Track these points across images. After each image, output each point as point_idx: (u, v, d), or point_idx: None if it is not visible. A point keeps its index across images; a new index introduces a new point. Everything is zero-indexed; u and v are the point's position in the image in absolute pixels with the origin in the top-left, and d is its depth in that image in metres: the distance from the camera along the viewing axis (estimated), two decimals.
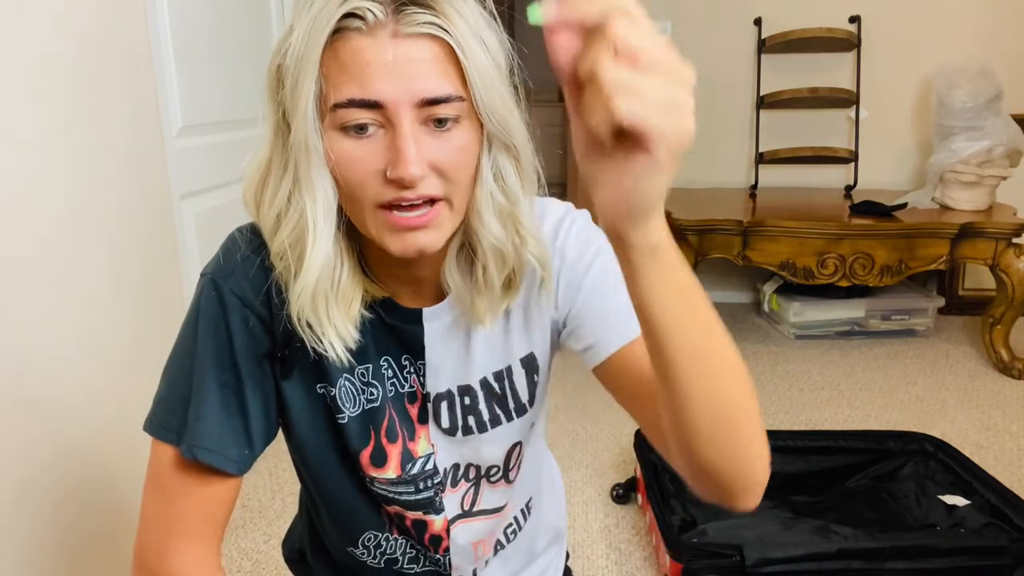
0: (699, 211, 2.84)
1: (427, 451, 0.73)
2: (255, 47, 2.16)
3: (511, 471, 0.77)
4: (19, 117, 1.16)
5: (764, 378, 2.72)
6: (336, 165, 0.56)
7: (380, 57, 0.53)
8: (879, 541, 1.49)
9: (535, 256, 0.65)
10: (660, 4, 3.41)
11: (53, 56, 1.23)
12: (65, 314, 1.26)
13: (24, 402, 1.17)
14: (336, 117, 0.55)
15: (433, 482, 0.74)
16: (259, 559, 1.73)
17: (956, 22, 3.23)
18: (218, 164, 1.93)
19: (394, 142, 0.55)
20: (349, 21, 0.53)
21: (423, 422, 0.73)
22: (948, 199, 2.92)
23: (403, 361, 0.71)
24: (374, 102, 0.54)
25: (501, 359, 0.72)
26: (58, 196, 1.24)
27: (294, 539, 0.94)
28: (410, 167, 0.54)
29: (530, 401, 0.74)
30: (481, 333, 0.70)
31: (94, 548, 1.30)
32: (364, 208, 0.58)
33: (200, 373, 0.66)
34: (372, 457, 0.71)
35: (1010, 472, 2.03)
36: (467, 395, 0.72)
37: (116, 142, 1.39)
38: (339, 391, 0.69)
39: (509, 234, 0.63)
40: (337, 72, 0.54)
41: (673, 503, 1.74)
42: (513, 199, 0.62)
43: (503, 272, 0.65)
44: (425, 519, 0.75)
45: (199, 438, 0.65)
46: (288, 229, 0.59)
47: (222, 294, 0.65)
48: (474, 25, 0.56)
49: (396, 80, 0.53)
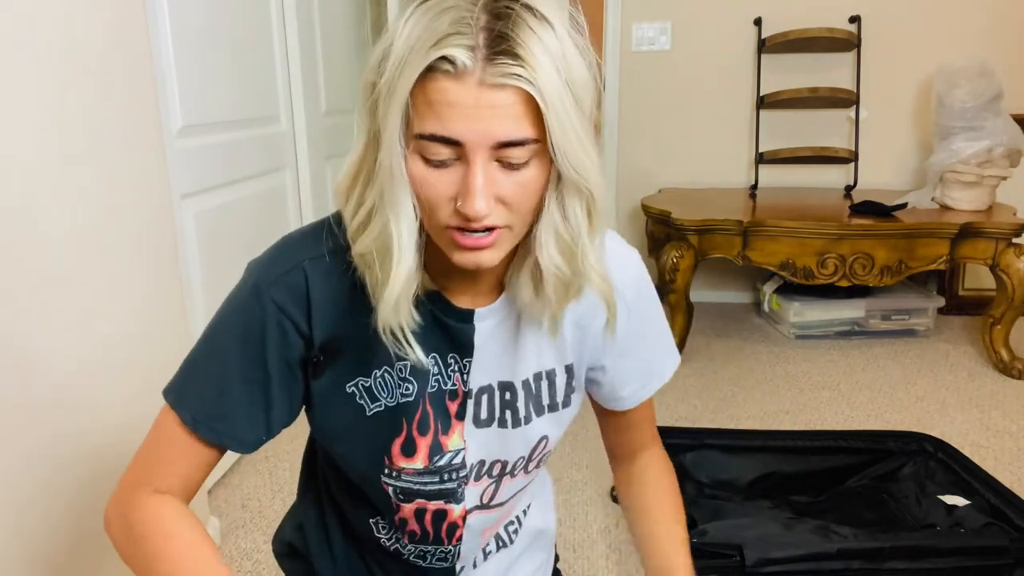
0: (699, 211, 2.83)
1: (458, 446, 0.76)
2: (255, 47, 2.16)
3: (531, 463, 0.81)
4: (19, 117, 1.16)
5: (764, 378, 2.72)
6: (415, 185, 0.61)
7: (464, 100, 0.56)
8: (879, 541, 1.49)
9: (598, 291, 0.69)
10: (660, 4, 3.41)
11: (53, 56, 1.23)
12: (63, 314, 1.26)
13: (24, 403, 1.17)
14: (418, 145, 0.59)
15: (458, 475, 0.77)
16: (259, 559, 1.73)
17: (956, 22, 3.23)
18: (218, 164, 1.93)
19: (466, 178, 0.58)
20: (440, 62, 0.55)
21: (460, 418, 0.75)
22: (948, 199, 2.92)
23: (449, 359, 0.74)
24: (454, 140, 0.57)
25: (547, 362, 0.77)
26: (57, 196, 1.24)
27: (285, 534, 0.95)
28: (477, 205, 0.58)
29: (564, 403, 0.79)
30: (531, 335, 0.74)
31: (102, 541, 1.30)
32: (434, 225, 0.63)
33: (230, 364, 0.70)
34: (403, 448, 0.74)
35: (1010, 472, 2.03)
36: (508, 391, 0.76)
37: (116, 142, 1.39)
38: (374, 382, 0.72)
39: (574, 267, 0.65)
40: (424, 105, 0.57)
41: None
42: (575, 234, 0.64)
43: (563, 296, 0.68)
44: (445, 508, 0.78)
45: (218, 422, 0.70)
46: (371, 238, 0.63)
47: (262, 298, 0.69)
48: (562, 68, 0.56)
49: (476, 123, 0.56)
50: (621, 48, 3.46)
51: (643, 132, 3.54)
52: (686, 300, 2.80)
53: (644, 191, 3.41)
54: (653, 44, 3.45)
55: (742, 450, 1.96)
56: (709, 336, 3.16)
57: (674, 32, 3.43)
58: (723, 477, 1.92)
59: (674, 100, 3.48)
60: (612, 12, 3.42)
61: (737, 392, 2.59)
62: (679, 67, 3.45)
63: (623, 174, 3.59)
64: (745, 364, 2.86)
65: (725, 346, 3.05)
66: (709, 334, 3.18)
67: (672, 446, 1.95)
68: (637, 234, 3.49)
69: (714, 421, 2.37)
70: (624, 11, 3.43)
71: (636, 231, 3.52)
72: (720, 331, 3.23)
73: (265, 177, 2.23)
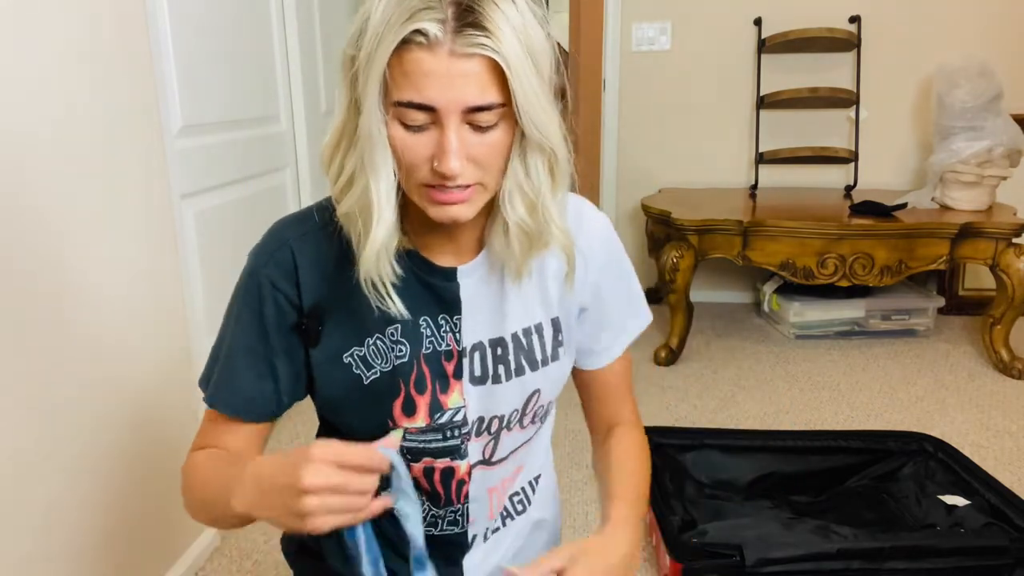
0: (699, 211, 2.84)
1: (458, 404, 0.80)
2: (255, 47, 2.16)
3: (526, 416, 0.85)
4: (18, 117, 1.16)
5: (764, 378, 2.72)
6: (395, 148, 0.67)
7: (437, 69, 0.62)
8: (879, 541, 1.49)
9: (560, 245, 0.75)
10: (660, 4, 3.41)
11: (52, 56, 1.23)
12: (63, 314, 1.26)
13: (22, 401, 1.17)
14: (397, 112, 0.65)
15: (460, 432, 0.81)
16: (259, 559, 1.73)
17: (956, 22, 3.23)
18: (218, 164, 1.93)
19: (441, 141, 0.64)
20: (413, 35, 0.61)
21: (458, 377, 0.80)
22: (948, 199, 2.92)
23: (440, 320, 0.78)
24: (428, 106, 0.63)
25: (533, 316, 0.82)
26: (57, 196, 1.24)
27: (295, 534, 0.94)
28: (452, 164, 0.64)
29: (553, 356, 0.84)
30: (514, 291, 0.80)
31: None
32: (412, 184, 0.69)
33: (237, 343, 0.78)
34: (404, 407, 0.79)
35: (1010, 472, 2.03)
36: (499, 346, 0.81)
37: (116, 142, 1.39)
38: (367, 350, 0.77)
39: (536, 220, 0.72)
40: (400, 76, 0.63)
41: (673, 503, 1.74)
42: (537, 189, 0.71)
43: (529, 249, 0.74)
44: (452, 465, 0.82)
45: (231, 396, 0.79)
46: (354, 198, 0.70)
47: (258, 278, 0.77)
48: (523, 37, 0.63)
49: (448, 90, 0.62)
50: (621, 48, 3.46)
51: (643, 132, 3.54)
52: (686, 300, 2.81)
53: (644, 191, 3.41)
54: (653, 44, 3.45)
55: (742, 450, 1.96)
56: (709, 336, 3.16)
57: (674, 32, 3.43)
58: (723, 477, 1.93)
59: (674, 100, 3.48)
60: (612, 12, 3.41)
61: (737, 392, 2.59)
62: (679, 67, 3.45)
63: (623, 174, 3.59)
64: (745, 364, 2.86)
65: (725, 346, 3.05)
66: (709, 334, 3.18)
67: (672, 446, 1.97)
68: (637, 234, 3.49)
69: (714, 421, 2.37)
70: (624, 11, 3.43)
71: (636, 231, 3.52)
72: (720, 331, 3.23)
73: (265, 177, 2.23)
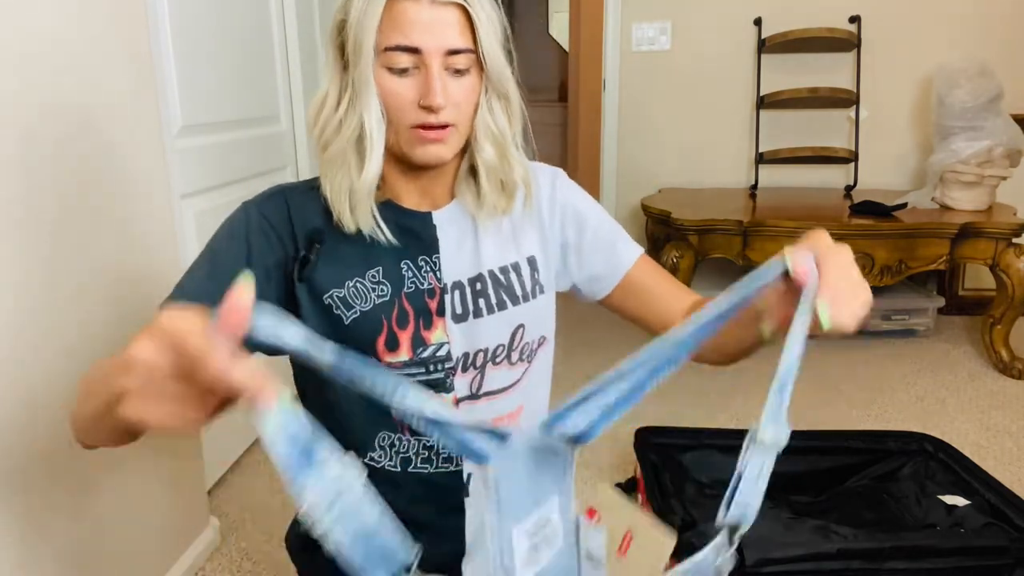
0: (699, 211, 2.83)
1: (442, 339, 0.85)
2: (255, 47, 2.16)
3: (513, 352, 0.88)
4: (18, 117, 1.16)
5: (764, 378, 2.71)
6: (383, 95, 0.77)
7: (421, 17, 0.74)
8: (879, 541, 1.49)
9: (520, 176, 0.86)
10: (660, 4, 3.41)
11: (53, 56, 1.23)
12: (63, 314, 1.26)
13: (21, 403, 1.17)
14: (385, 58, 0.76)
15: (444, 366, 0.85)
16: (259, 559, 1.73)
17: (956, 22, 3.23)
18: (218, 164, 1.93)
19: (426, 79, 0.76)
20: None
21: (441, 315, 0.85)
22: (948, 199, 2.92)
23: (420, 262, 0.85)
24: (414, 48, 0.75)
25: (508, 255, 0.88)
26: (57, 196, 1.24)
27: (299, 527, 0.95)
28: (437, 97, 0.75)
29: (532, 293, 0.89)
30: (488, 233, 0.87)
31: None
32: (400, 128, 0.79)
33: (216, 258, 0.80)
34: (387, 343, 0.82)
35: (1010, 472, 2.03)
36: (478, 282, 0.87)
37: (116, 142, 1.39)
38: (347, 291, 0.82)
39: (500, 157, 0.84)
40: (389, 26, 0.75)
41: (673, 503, 1.73)
42: (502, 131, 0.83)
43: (496, 183, 0.85)
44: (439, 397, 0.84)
45: (199, 300, 0.68)
46: (350, 131, 0.78)
47: (249, 210, 0.83)
48: (486, 4, 0.78)
49: (430, 34, 0.75)
50: (621, 48, 3.46)
51: (643, 132, 3.54)
52: None
53: (644, 191, 3.41)
54: (653, 44, 3.45)
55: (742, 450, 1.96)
56: None
57: (674, 32, 3.43)
58: (723, 477, 1.91)
59: (674, 100, 3.48)
60: (612, 12, 3.41)
61: (737, 392, 2.59)
62: (679, 67, 3.45)
63: (623, 174, 3.59)
64: (745, 364, 2.85)
65: None
66: None
67: (672, 446, 1.97)
68: (637, 234, 3.49)
69: (714, 421, 2.37)
70: (624, 11, 3.43)
71: (636, 231, 3.51)
72: None
73: (265, 177, 2.23)
